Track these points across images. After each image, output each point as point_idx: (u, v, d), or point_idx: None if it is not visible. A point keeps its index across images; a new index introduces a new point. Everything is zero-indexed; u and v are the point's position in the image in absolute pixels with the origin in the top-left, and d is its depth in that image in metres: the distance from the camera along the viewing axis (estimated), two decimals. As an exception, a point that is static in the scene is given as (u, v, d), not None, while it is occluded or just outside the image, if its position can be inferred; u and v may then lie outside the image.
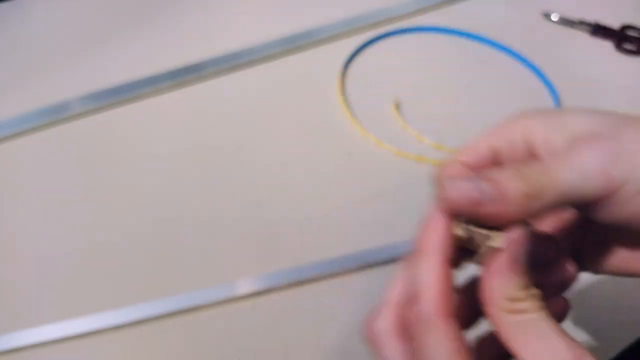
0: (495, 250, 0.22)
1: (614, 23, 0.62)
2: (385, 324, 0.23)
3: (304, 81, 0.57)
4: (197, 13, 0.64)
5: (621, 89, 0.57)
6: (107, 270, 0.43)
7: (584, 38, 0.62)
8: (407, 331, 0.23)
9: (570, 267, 0.26)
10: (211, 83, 0.56)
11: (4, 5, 0.64)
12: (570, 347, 0.20)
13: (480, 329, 0.25)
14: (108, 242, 0.44)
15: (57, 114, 0.52)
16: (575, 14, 0.63)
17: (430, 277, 0.22)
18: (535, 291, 0.21)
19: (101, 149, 0.51)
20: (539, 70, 0.58)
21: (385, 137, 0.51)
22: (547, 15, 0.64)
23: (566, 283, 0.26)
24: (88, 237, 0.45)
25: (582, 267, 0.26)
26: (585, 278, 0.42)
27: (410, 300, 0.23)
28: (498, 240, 0.22)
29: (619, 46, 0.61)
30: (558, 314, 0.24)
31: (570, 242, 0.27)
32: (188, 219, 0.46)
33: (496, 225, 0.22)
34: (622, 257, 0.26)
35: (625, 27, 0.62)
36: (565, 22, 0.63)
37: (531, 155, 0.24)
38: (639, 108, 0.55)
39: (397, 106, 0.54)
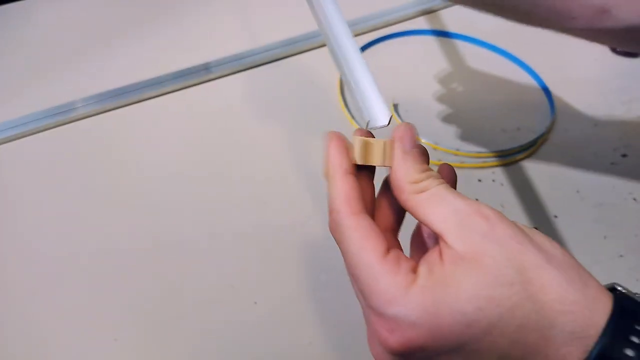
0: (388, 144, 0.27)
1: (610, 25, 0.63)
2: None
3: (305, 82, 0.57)
4: (199, 16, 0.64)
5: (616, 90, 0.58)
6: (109, 270, 0.43)
7: (579, 39, 0.63)
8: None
9: None
10: (214, 85, 0.57)
11: (8, 6, 0.65)
12: (467, 203, 0.24)
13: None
14: (109, 241, 0.45)
15: (61, 115, 0.53)
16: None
17: (334, 189, 0.26)
18: (431, 171, 0.26)
19: (105, 149, 0.51)
20: (535, 72, 0.58)
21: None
22: (543, 18, 0.64)
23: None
24: (89, 236, 0.45)
25: None
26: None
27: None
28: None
29: (614, 48, 0.61)
30: (450, 180, 0.28)
31: None
32: (189, 218, 0.46)
33: None
34: None
35: (621, 30, 0.62)
36: (562, 24, 0.64)
37: None
38: (634, 109, 0.56)
39: (395, 107, 0.55)
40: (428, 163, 0.26)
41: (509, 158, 0.51)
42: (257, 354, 0.39)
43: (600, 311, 0.22)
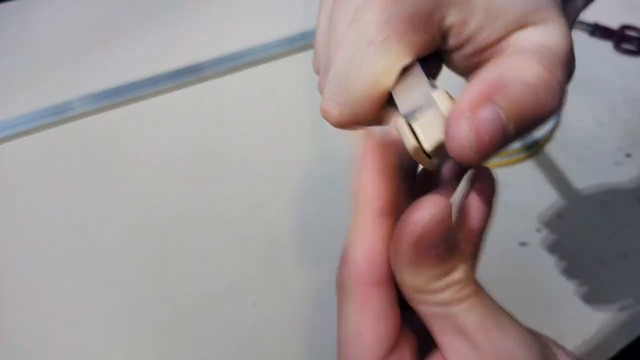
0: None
1: (613, 23, 0.62)
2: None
3: (304, 81, 0.57)
4: (198, 14, 0.64)
5: (620, 89, 0.57)
6: (107, 271, 0.43)
7: (583, 38, 0.62)
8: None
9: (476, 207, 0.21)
10: (212, 83, 0.57)
11: (6, 5, 0.64)
12: (494, 347, 0.17)
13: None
14: (108, 241, 0.45)
15: (59, 114, 0.53)
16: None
17: (358, 233, 0.18)
18: (456, 277, 0.17)
19: (103, 148, 0.51)
20: (538, 71, 0.58)
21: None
22: (546, 16, 0.64)
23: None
24: (88, 235, 0.45)
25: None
26: (584, 278, 0.43)
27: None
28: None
29: (618, 46, 0.61)
30: (486, 198, 0.21)
31: None
32: (187, 218, 0.46)
33: None
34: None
35: (625, 27, 0.62)
36: (565, 22, 0.63)
37: None
38: (638, 108, 0.55)
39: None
40: (449, 258, 0.17)
41: (512, 158, 0.50)
42: (257, 356, 0.39)
43: None
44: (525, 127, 0.16)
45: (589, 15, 0.63)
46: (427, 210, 0.16)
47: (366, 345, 0.18)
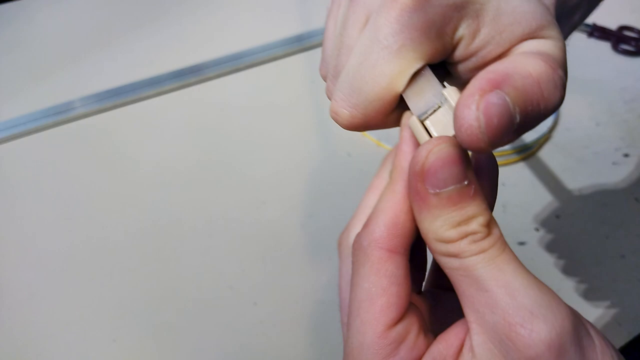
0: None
1: (612, 24, 0.62)
2: (348, 241, 0.22)
3: (304, 82, 0.57)
4: (198, 15, 0.64)
5: (619, 89, 0.57)
6: (107, 270, 0.43)
7: (581, 39, 0.62)
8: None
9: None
10: (213, 84, 0.57)
11: (8, 6, 0.64)
12: (515, 300, 0.16)
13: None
14: (108, 240, 0.45)
15: (60, 114, 0.53)
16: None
17: (387, 200, 0.19)
18: (473, 221, 0.18)
19: (104, 149, 0.51)
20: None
21: (383, 137, 0.51)
22: (545, 17, 0.64)
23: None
24: (88, 235, 0.45)
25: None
26: (582, 278, 0.43)
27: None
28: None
29: (616, 47, 0.61)
30: (489, 178, 0.22)
31: None
32: (188, 218, 0.46)
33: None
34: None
35: (623, 28, 0.62)
36: (563, 23, 0.63)
37: None
38: (636, 109, 0.56)
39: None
40: (467, 204, 0.18)
41: (511, 157, 0.51)
42: (257, 354, 0.39)
43: None
44: (529, 116, 0.17)
45: (587, 16, 0.63)
46: (427, 145, 0.18)
47: (377, 310, 0.18)
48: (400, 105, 0.20)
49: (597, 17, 0.63)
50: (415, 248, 0.20)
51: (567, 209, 0.47)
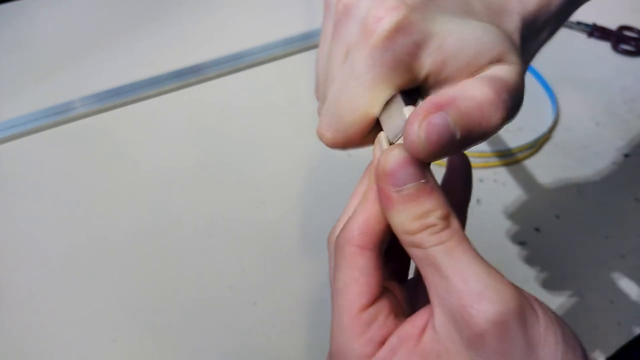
0: None
1: (612, 24, 0.62)
2: (332, 237, 0.24)
3: (304, 82, 0.57)
4: (198, 15, 0.64)
5: (619, 89, 0.57)
6: (108, 270, 0.43)
7: (581, 39, 0.62)
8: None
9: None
10: (212, 84, 0.57)
11: (8, 6, 0.64)
12: (467, 284, 0.19)
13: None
14: (108, 240, 0.45)
15: (61, 114, 0.53)
16: (572, 16, 0.63)
17: (364, 206, 0.22)
18: (434, 213, 0.20)
19: (104, 149, 0.51)
20: (536, 72, 0.58)
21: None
22: (545, 17, 0.64)
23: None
24: (88, 235, 0.45)
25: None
26: (582, 278, 0.43)
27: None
28: None
29: (616, 47, 0.61)
30: (461, 176, 0.25)
31: None
32: (188, 218, 0.46)
33: None
34: None
35: (623, 28, 0.62)
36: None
37: None
38: (636, 109, 0.56)
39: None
40: (426, 199, 0.20)
41: (511, 158, 0.51)
42: (257, 354, 0.39)
43: None
44: (472, 133, 0.20)
45: (587, 16, 0.63)
46: (387, 151, 0.21)
47: (351, 296, 0.21)
48: (377, 127, 0.23)
49: (597, 17, 0.63)
50: (397, 245, 0.23)
51: (567, 209, 0.47)
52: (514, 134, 0.53)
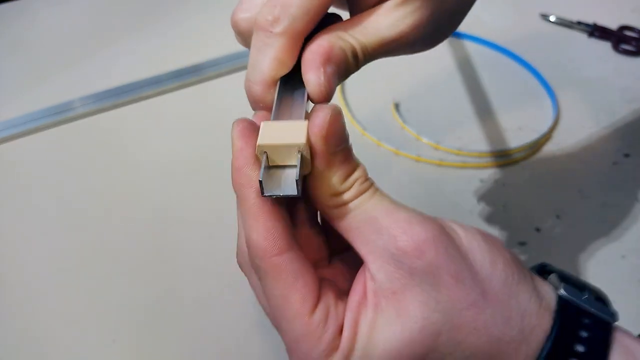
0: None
1: (612, 24, 0.62)
2: (245, 259, 0.24)
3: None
4: (199, 15, 0.64)
5: (619, 89, 0.57)
6: (108, 271, 0.43)
7: (581, 39, 0.62)
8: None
9: None
10: (213, 84, 0.57)
11: (8, 6, 0.64)
12: (394, 219, 0.20)
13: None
14: (108, 241, 0.45)
15: (61, 114, 0.53)
16: (573, 15, 0.64)
17: (249, 218, 0.22)
18: (357, 172, 0.22)
19: (104, 148, 0.51)
20: (537, 71, 0.58)
21: (384, 136, 0.51)
22: (545, 17, 0.64)
23: None
24: (88, 235, 0.45)
25: None
26: (582, 278, 0.43)
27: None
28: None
29: (616, 47, 0.61)
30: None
31: None
32: (187, 217, 0.46)
33: None
34: None
35: (623, 28, 0.62)
36: (563, 23, 0.63)
37: None
38: (637, 109, 0.56)
39: (396, 106, 0.54)
40: (351, 158, 0.22)
41: (511, 158, 0.51)
42: (257, 355, 0.39)
43: (538, 338, 0.21)
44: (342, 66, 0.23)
45: (588, 16, 0.63)
46: (324, 110, 0.21)
47: (294, 305, 0.21)
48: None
49: (597, 17, 0.63)
50: (307, 223, 0.24)
51: (567, 209, 0.47)
52: (514, 134, 0.53)
